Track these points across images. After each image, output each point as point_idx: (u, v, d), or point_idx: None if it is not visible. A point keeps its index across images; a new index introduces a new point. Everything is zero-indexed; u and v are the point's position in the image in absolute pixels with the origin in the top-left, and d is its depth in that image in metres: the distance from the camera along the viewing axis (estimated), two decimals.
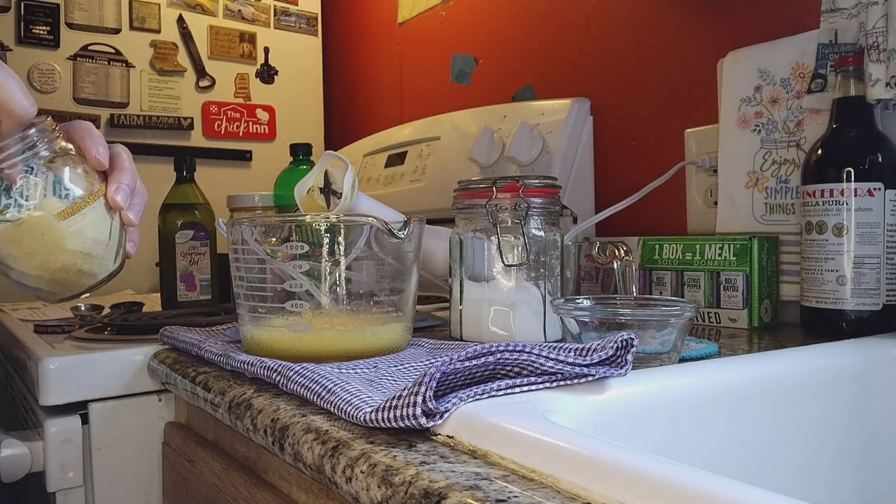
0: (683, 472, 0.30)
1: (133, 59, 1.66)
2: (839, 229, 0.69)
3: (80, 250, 0.54)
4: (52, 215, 0.53)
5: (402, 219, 0.69)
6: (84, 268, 0.55)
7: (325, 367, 0.56)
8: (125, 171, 0.57)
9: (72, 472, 0.76)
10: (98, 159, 0.55)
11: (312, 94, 1.91)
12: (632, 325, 0.56)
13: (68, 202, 0.53)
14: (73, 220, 0.54)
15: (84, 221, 0.54)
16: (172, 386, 0.73)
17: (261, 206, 1.12)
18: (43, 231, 0.52)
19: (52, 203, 0.53)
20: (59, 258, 0.54)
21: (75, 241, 0.54)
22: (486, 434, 0.39)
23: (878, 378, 0.61)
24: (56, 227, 0.53)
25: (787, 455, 0.55)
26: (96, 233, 0.55)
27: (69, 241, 0.54)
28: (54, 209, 0.53)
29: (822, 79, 0.76)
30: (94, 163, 0.55)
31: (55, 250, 0.53)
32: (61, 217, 0.53)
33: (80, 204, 0.54)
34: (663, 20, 1.05)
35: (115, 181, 0.56)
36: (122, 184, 0.56)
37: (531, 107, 1.15)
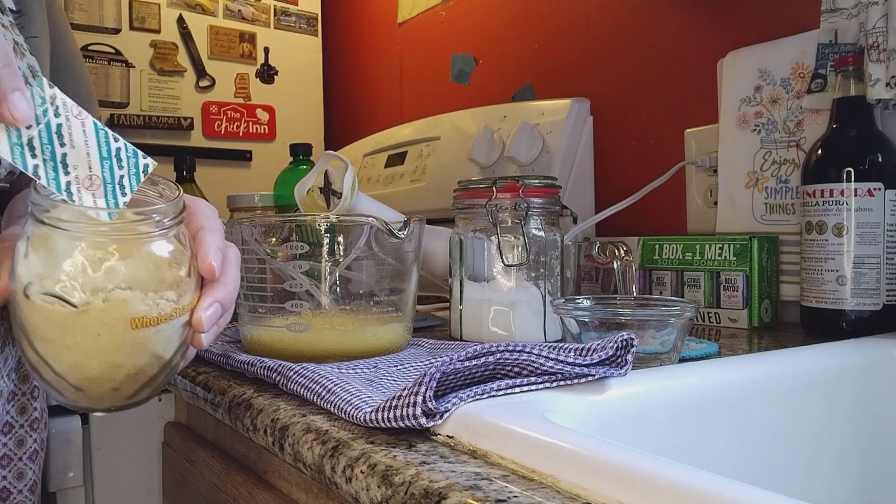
0: (683, 472, 0.30)
1: (133, 59, 1.66)
2: (839, 229, 0.69)
3: (132, 367, 0.41)
4: (124, 317, 0.39)
5: (402, 219, 0.69)
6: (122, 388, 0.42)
7: (325, 367, 0.56)
8: (227, 284, 0.44)
9: (72, 472, 0.76)
10: (212, 267, 0.43)
11: (312, 94, 1.91)
12: (632, 325, 0.56)
13: (151, 307, 0.40)
14: (145, 332, 0.40)
15: (156, 336, 0.41)
16: (172, 386, 0.73)
17: (261, 206, 1.12)
18: (101, 331, 0.39)
19: (133, 302, 0.39)
20: (98, 367, 0.40)
21: (132, 357, 0.41)
22: (486, 434, 0.39)
23: (878, 378, 0.61)
24: (120, 333, 0.40)
25: (788, 455, 0.55)
26: (161, 351, 0.42)
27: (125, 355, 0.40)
28: (131, 311, 0.39)
29: (822, 79, 0.76)
30: (205, 271, 0.43)
31: (101, 357, 0.40)
32: (134, 325, 0.40)
33: (163, 316, 0.41)
34: (663, 20, 1.05)
35: (212, 295, 0.44)
36: (218, 301, 0.44)
37: (531, 107, 1.15)
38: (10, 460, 0.66)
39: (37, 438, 0.68)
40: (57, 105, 0.40)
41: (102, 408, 0.43)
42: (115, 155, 0.41)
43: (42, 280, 0.39)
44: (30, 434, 0.68)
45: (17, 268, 0.39)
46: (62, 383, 0.41)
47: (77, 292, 0.38)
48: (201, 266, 0.43)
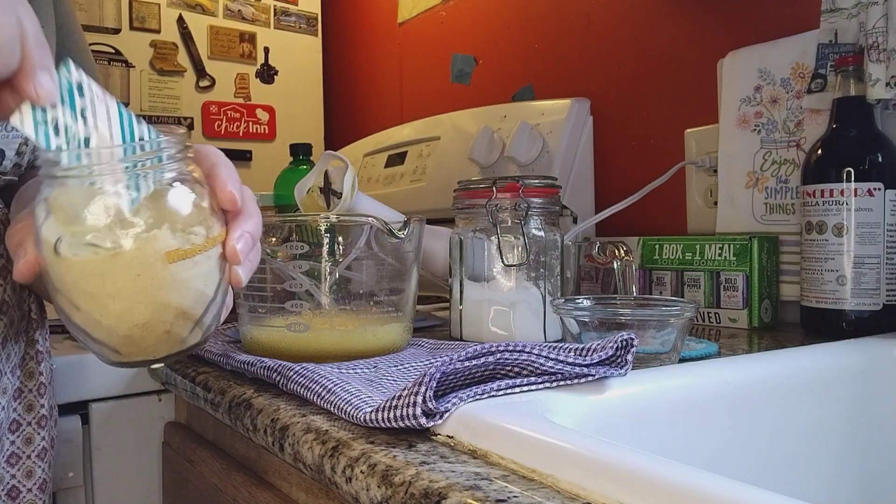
0: (683, 472, 0.30)
1: (133, 59, 1.66)
2: (839, 229, 0.69)
3: (178, 306, 0.41)
4: (159, 253, 0.39)
5: (402, 219, 0.69)
6: (174, 329, 0.42)
7: (325, 367, 0.56)
8: (252, 217, 0.45)
9: (72, 472, 0.76)
10: (232, 196, 0.43)
11: (312, 94, 1.91)
12: (632, 325, 0.56)
13: (183, 241, 0.40)
14: (183, 266, 0.40)
15: (194, 270, 0.41)
16: (172, 386, 0.73)
17: (261, 206, 1.11)
18: (140, 271, 0.39)
19: (163, 237, 0.39)
20: (146, 311, 0.40)
21: (176, 294, 0.41)
22: (486, 434, 0.39)
23: (878, 378, 0.61)
24: (159, 270, 0.39)
25: (788, 455, 0.55)
26: (203, 286, 0.42)
27: (169, 292, 0.40)
28: (164, 246, 0.39)
29: (822, 79, 0.76)
30: (226, 200, 0.43)
31: (146, 299, 0.40)
32: (170, 259, 0.39)
33: (196, 248, 0.41)
34: (663, 20, 1.05)
35: (240, 227, 0.44)
36: (247, 231, 0.44)
37: (531, 107, 1.15)
38: (19, 458, 0.66)
39: (45, 436, 0.68)
40: (82, 88, 0.39)
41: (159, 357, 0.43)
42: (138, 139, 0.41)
43: (68, 234, 0.38)
44: (38, 432, 0.68)
45: (41, 232, 0.39)
46: (114, 338, 0.41)
47: (106, 237, 0.38)
48: (221, 196, 0.43)
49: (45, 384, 0.69)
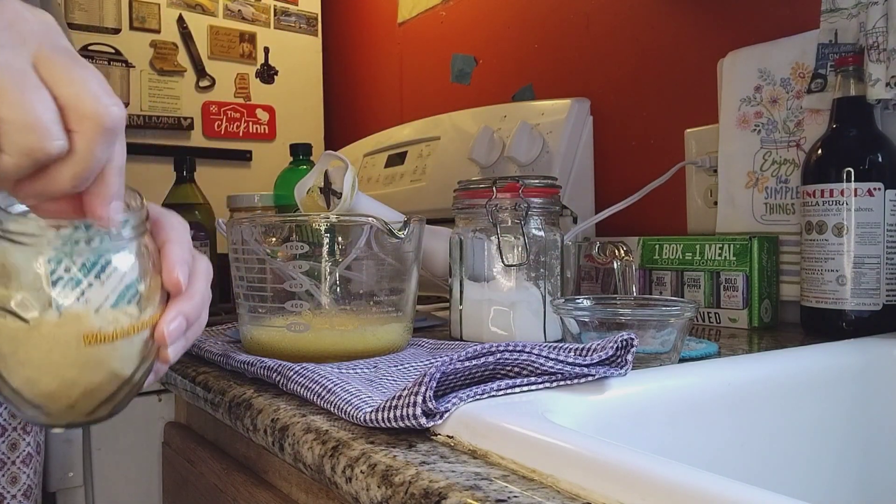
0: (683, 472, 0.30)
1: (133, 59, 1.66)
2: (839, 229, 0.69)
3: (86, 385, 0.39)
4: (77, 333, 0.38)
5: (402, 219, 0.69)
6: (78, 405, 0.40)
7: (325, 367, 0.56)
8: (194, 297, 0.43)
9: (72, 472, 0.76)
10: (178, 280, 0.41)
11: (312, 94, 1.91)
12: (632, 325, 0.56)
13: (106, 323, 0.38)
14: (99, 349, 0.39)
15: (112, 353, 0.39)
16: (172, 386, 0.73)
17: (261, 206, 1.12)
18: (53, 347, 0.38)
19: (87, 319, 0.38)
20: (53, 383, 0.39)
21: (87, 374, 0.39)
22: (486, 434, 0.39)
23: (878, 378, 0.61)
24: (72, 350, 0.38)
25: (788, 455, 0.55)
26: (119, 368, 0.40)
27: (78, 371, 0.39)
28: (85, 328, 0.38)
29: (822, 79, 0.76)
30: (171, 284, 0.41)
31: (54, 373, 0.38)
32: (87, 341, 0.38)
33: (120, 331, 0.39)
34: (663, 20, 1.05)
35: (176, 308, 0.42)
36: (182, 314, 0.42)
37: (531, 107, 1.15)
38: (4, 464, 0.66)
39: (31, 442, 0.68)
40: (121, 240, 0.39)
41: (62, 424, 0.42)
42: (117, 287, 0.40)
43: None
44: (23, 437, 0.67)
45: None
46: (18, 398, 0.40)
47: (30, 307, 0.37)
48: (166, 280, 0.41)
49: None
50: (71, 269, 0.38)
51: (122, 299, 0.39)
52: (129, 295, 0.39)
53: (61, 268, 0.37)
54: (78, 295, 0.38)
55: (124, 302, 0.39)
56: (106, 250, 0.39)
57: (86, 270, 0.38)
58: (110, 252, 0.39)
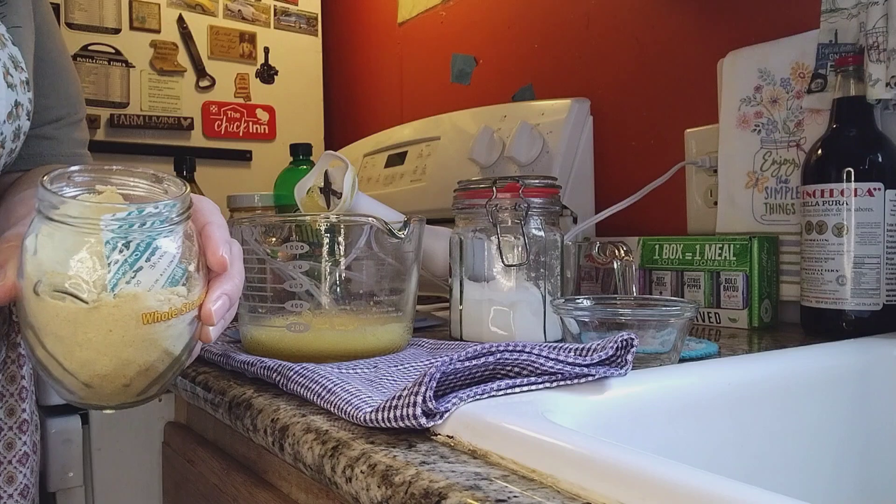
0: (683, 472, 0.30)
1: (133, 59, 1.66)
2: (839, 229, 0.69)
3: (143, 363, 0.41)
4: (136, 313, 0.39)
5: (402, 219, 0.69)
6: (133, 383, 0.42)
7: (325, 367, 0.56)
8: (234, 278, 0.45)
9: (72, 472, 0.76)
10: (223, 260, 0.44)
11: (312, 94, 1.91)
12: (632, 325, 0.56)
13: (160, 303, 0.40)
14: (156, 328, 0.40)
15: (166, 332, 0.41)
16: (172, 386, 0.73)
17: (261, 206, 1.12)
18: (112, 327, 0.39)
19: (144, 298, 0.39)
20: (110, 364, 0.40)
21: (143, 352, 0.41)
22: (486, 434, 0.39)
23: (878, 378, 0.61)
24: (132, 329, 0.40)
25: (787, 455, 0.55)
26: (171, 347, 0.42)
27: (136, 350, 0.41)
28: (143, 307, 0.39)
29: (822, 79, 0.76)
30: (216, 264, 0.44)
31: (112, 353, 0.40)
32: (146, 320, 0.40)
33: (174, 311, 0.41)
34: (663, 20, 1.05)
35: (220, 288, 0.44)
36: (226, 294, 0.44)
37: (531, 107, 1.15)
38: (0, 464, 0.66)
39: (27, 441, 0.68)
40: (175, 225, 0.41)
41: (112, 405, 0.43)
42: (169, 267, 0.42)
43: (52, 277, 0.38)
44: (19, 437, 0.67)
45: (26, 266, 0.39)
46: (72, 380, 0.41)
47: (88, 289, 0.38)
48: (211, 260, 0.43)
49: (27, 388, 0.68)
50: (125, 252, 0.39)
51: (172, 280, 0.41)
52: (178, 276, 0.41)
53: (116, 251, 0.39)
54: (131, 277, 0.39)
55: (173, 283, 0.41)
56: (157, 234, 0.40)
57: (139, 253, 0.39)
58: (160, 235, 0.40)
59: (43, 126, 0.72)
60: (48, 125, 0.73)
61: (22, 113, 0.61)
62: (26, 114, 0.62)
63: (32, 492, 0.68)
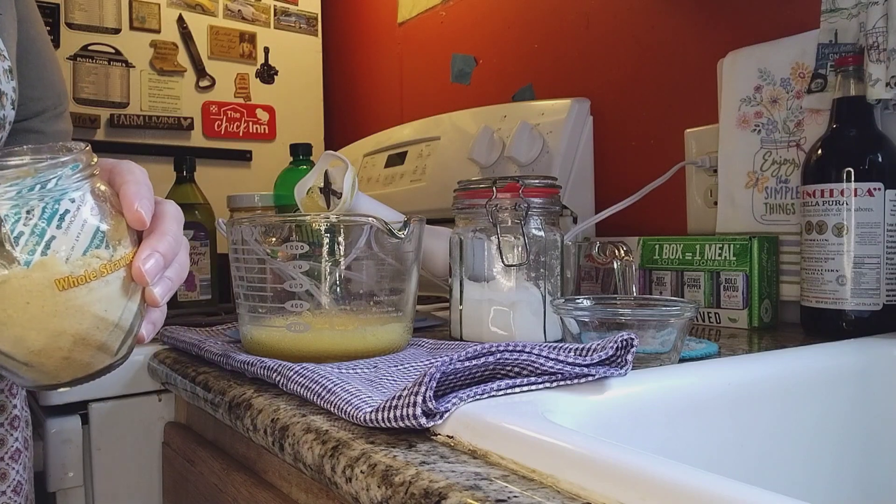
0: (683, 472, 0.30)
1: (133, 59, 1.65)
2: (839, 229, 0.69)
3: (75, 333, 0.40)
4: (48, 281, 0.38)
5: (402, 219, 0.69)
6: (73, 356, 0.41)
7: (325, 367, 0.56)
8: (166, 235, 0.43)
9: (72, 472, 0.76)
10: (139, 214, 0.42)
11: (312, 94, 1.91)
12: (632, 325, 0.56)
13: (77, 267, 0.39)
14: (76, 293, 0.39)
15: (90, 296, 0.39)
16: (172, 386, 0.73)
17: (261, 206, 1.12)
18: (29, 299, 0.38)
19: (54, 263, 0.38)
20: (40, 337, 0.39)
21: (70, 321, 0.39)
22: (486, 434, 0.39)
23: (878, 378, 0.61)
24: (48, 298, 0.38)
25: (787, 455, 0.55)
26: (102, 312, 0.40)
27: (60, 320, 0.39)
28: (55, 272, 0.38)
29: (822, 79, 0.76)
30: (133, 220, 0.42)
31: (38, 326, 0.39)
32: (61, 286, 0.38)
33: (91, 273, 0.39)
34: (663, 20, 1.05)
35: (150, 246, 0.42)
36: (157, 251, 0.42)
37: (531, 107, 1.15)
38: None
39: (19, 437, 0.67)
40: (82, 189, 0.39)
41: (64, 381, 0.42)
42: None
43: None
44: (10, 433, 0.67)
45: None
46: (12, 363, 0.40)
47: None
48: (127, 215, 0.42)
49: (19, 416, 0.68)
50: (31, 220, 0.38)
51: (90, 243, 0.39)
52: (96, 238, 0.40)
53: (21, 222, 0.37)
54: (44, 246, 0.38)
55: (92, 246, 0.39)
56: (60, 195, 0.38)
57: (45, 221, 0.38)
58: (65, 196, 0.39)
59: (30, 119, 0.72)
60: (35, 118, 0.73)
61: (6, 102, 0.61)
62: (11, 103, 0.61)
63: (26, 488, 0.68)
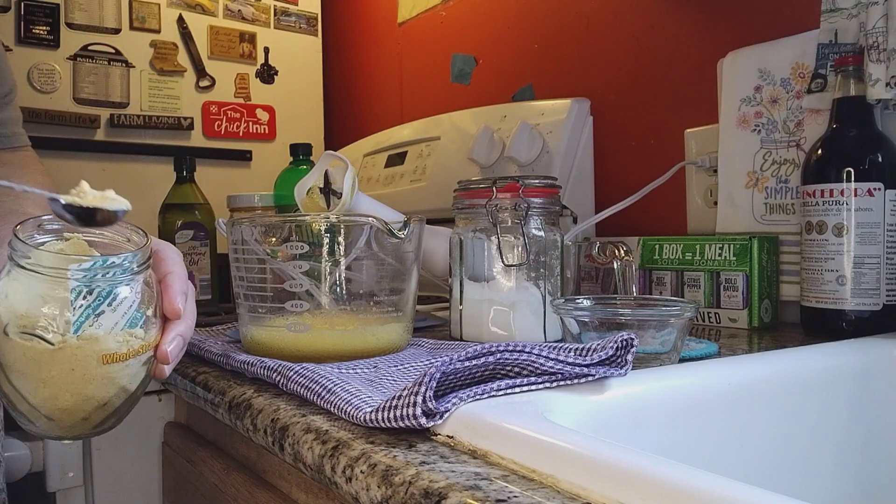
0: (683, 472, 0.30)
1: (133, 59, 1.65)
2: (839, 229, 0.69)
3: (101, 399, 0.45)
4: (97, 354, 0.43)
5: (402, 219, 0.69)
6: (91, 417, 0.46)
7: (325, 367, 0.56)
8: (187, 319, 0.49)
9: (72, 472, 0.76)
10: (176, 308, 0.48)
11: (312, 94, 1.91)
12: (632, 325, 0.56)
13: (119, 345, 0.44)
14: (115, 368, 0.44)
15: (124, 371, 0.45)
16: (172, 386, 0.73)
17: (261, 206, 1.12)
18: (74, 366, 0.43)
19: (104, 340, 0.43)
20: (71, 399, 0.44)
21: (102, 389, 0.45)
22: (486, 434, 0.39)
23: (878, 378, 0.61)
24: (92, 369, 0.43)
25: (787, 455, 0.55)
26: (127, 384, 0.46)
27: (96, 388, 0.44)
28: (103, 349, 0.43)
29: (822, 79, 0.76)
30: (171, 312, 0.48)
31: (73, 390, 0.44)
32: (105, 360, 0.44)
33: (132, 352, 0.45)
34: (663, 20, 1.05)
35: (174, 330, 0.48)
36: (180, 336, 0.48)
37: (531, 107, 1.15)
38: None
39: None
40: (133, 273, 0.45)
41: (71, 436, 0.47)
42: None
43: (21, 319, 0.42)
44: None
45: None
46: (35, 413, 0.45)
47: (54, 331, 0.42)
48: (168, 309, 0.48)
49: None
50: (88, 298, 0.43)
51: (131, 323, 0.45)
52: (137, 320, 0.45)
53: (80, 297, 0.43)
54: (94, 320, 0.43)
55: (130, 325, 0.45)
56: (119, 282, 0.44)
57: (101, 300, 0.43)
58: (122, 283, 0.44)
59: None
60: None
61: None
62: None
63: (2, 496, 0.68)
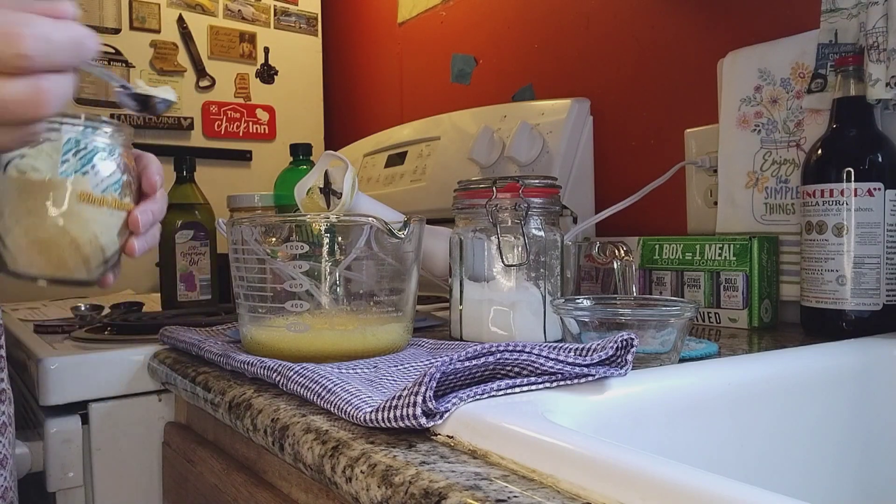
0: (683, 472, 0.30)
1: (133, 59, 1.66)
2: (839, 229, 0.69)
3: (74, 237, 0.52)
4: (75, 191, 0.51)
5: (402, 219, 0.69)
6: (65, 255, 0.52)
7: (325, 367, 0.56)
8: (158, 200, 0.56)
9: (72, 472, 0.76)
10: (154, 181, 0.56)
11: (312, 94, 1.91)
12: (632, 325, 0.56)
13: (97, 192, 0.52)
14: (88, 208, 0.51)
15: (97, 215, 0.52)
16: (172, 386, 0.73)
17: (261, 206, 1.12)
18: (55, 199, 0.50)
19: (84, 182, 0.51)
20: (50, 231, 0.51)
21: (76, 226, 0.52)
22: (486, 434, 0.39)
23: (878, 378, 0.61)
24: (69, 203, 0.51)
25: (787, 455, 0.55)
26: (99, 234, 0.53)
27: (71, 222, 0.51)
28: (81, 188, 0.51)
29: (822, 79, 0.76)
30: (149, 185, 0.55)
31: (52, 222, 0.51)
32: (82, 199, 0.51)
33: (106, 200, 0.52)
34: (663, 20, 1.05)
35: (147, 206, 0.55)
36: (150, 210, 0.55)
37: (531, 107, 1.15)
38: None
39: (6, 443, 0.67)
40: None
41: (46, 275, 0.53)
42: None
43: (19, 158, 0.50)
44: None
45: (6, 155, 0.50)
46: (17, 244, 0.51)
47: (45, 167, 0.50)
48: (146, 184, 0.55)
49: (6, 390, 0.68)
50: (78, 153, 0.51)
51: (111, 185, 0.52)
52: (117, 184, 0.53)
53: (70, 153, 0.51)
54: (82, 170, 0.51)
55: (111, 189, 0.52)
56: (103, 147, 0.52)
57: (87, 160, 0.51)
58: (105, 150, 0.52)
59: None
60: None
61: None
62: None
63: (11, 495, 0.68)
